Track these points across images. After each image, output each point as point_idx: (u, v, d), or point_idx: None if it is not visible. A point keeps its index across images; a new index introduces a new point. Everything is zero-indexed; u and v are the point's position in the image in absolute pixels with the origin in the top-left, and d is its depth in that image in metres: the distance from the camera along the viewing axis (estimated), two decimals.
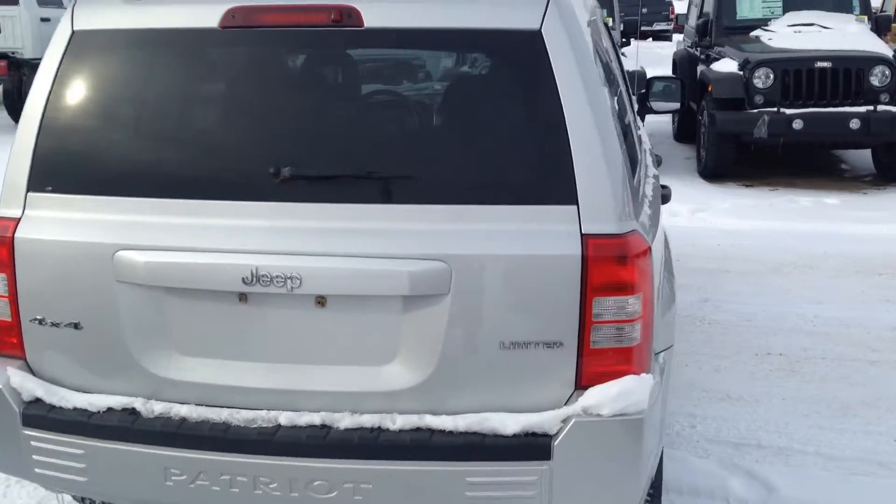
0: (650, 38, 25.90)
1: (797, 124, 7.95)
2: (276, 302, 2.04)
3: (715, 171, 8.65)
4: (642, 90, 4.44)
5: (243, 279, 2.00)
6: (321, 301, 2.04)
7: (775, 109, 7.99)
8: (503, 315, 2.02)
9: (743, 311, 4.96)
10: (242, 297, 2.05)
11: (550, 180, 2.03)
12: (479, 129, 2.07)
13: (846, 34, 8.86)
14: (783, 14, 9.54)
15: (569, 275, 2.01)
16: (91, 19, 2.18)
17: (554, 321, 2.02)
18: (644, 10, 33.92)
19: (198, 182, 2.07)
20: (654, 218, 2.49)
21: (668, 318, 2.40)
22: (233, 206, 2.05)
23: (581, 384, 2.06)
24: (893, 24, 12.64)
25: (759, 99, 8.14)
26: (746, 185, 8.47)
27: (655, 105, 4.40)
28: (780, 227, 6.82)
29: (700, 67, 9.26)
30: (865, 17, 9.48)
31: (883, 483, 3.17)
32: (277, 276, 1.99)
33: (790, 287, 5.39)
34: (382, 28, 2.07)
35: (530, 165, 2.05)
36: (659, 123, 11.82)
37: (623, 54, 9.80)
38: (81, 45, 2.16)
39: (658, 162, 3.86)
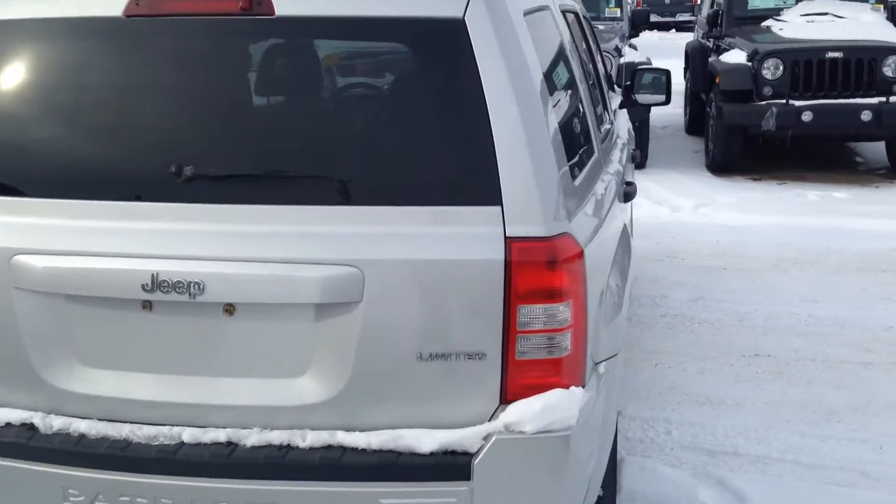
0: (673, 30, 25.56)
1: (806, 116, 7.70)
2: (180, 310, 1.92)
3: (722, 164, 8.43)
4: (628, 82, 4.27)
5: (143, 286, 1.88)
6: (229, 309, 1.92)
7: (784, 101, 7.76)
8: (421, 324, 1.89)
9: (736, 309, 4.78)
10: (146, 304, 1.93)
11: (472, 179, 1.90)
12: (395, 125, 1.94)
13: (860, 23, 8.59)
14: (796, 3, 9.29)
15: (491, 281, 1.87)
16: None
17: (476, 331, 1.89)
18: (667, 1, 33.70)
19: (98, 182, 1.96)
20: (603, 218, 2.34)
21: (613, 325, 2.25)
22: (134, 208, 1.93)
23: (507, 398, 1.92)
24: None
25: (767, 90, 7.91)
26: (754, 179, 8.25)
27: (641, 98, 4.23)
28: (784, 222, 6.60)
29: (710, 59, 9.04)
30: (882, 6, 9.20)
31: (862, 494, 3.01)
32: (178, 283, 1.87)
33: (788, 285, 5.20)
34: (295, 17, 1.94)
35: (450, 163, 1.91)
36: (672, 116, 11.59)
37: (632, 45, 9.61)
38: None
39: (634, 158, 3.69)
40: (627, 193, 2.86)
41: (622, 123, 3.90)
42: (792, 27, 8.59)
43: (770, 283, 5.24)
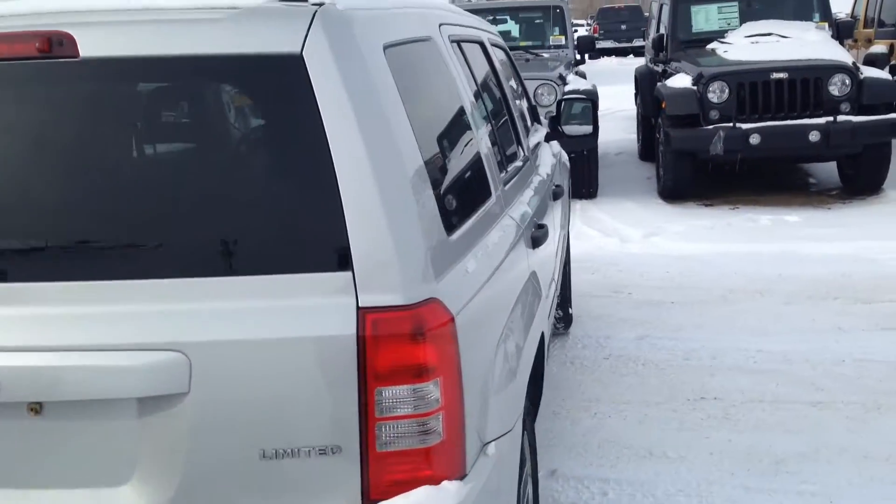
0: (631, 55, 25.76)
1: (754, 139, 7.56)
2: None
3: (673, 190, 8.26)
4: (554, 114, 4.04)
5: None
6: (35, 408, 1.61)
7: (731, 124, 7.62)
8: (262, 416, 1.59)
9: (682, 347, 4.53)
10: None
11: (316, 240, 1.62)
12: (223, 179, 1.65)
13: (805, 43, 8.49)
14: (740, 25, 9.20)
15: (343, 360, 1.58)
16: None
17: (328, 421, 1.60)
18: (623, 27, 34.00)
19: None
20: (493, 271, 2.06)
21: (506, 395, 1.97)
22: None
23: (371, 498, 1.63)
24: (856, 31, 12.33)
25: (714, 114, 7.77)
26: (706, 205, 8.07)
27: (568, 129, 3.99)
28: (734, 249, 6.40)
29: (657, 84, 8.90)
30: (826, 24, 9.13)
31: None
32: None
33: (736, 317, 4.96)
34: (105, 58, 1.66)
35: (290, 222, 1.62)
36: (626, 142, 11.48)
37: (579, 73, 9.44)
38: None
39: (556, 196, 3.44)
40: (535, 238, 2.58)
41: (545, 158, 3.64)
42: (736, 49, 8.48)
43: (718, 316, 5.00)
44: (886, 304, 5.04)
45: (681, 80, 8.13)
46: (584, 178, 8.23)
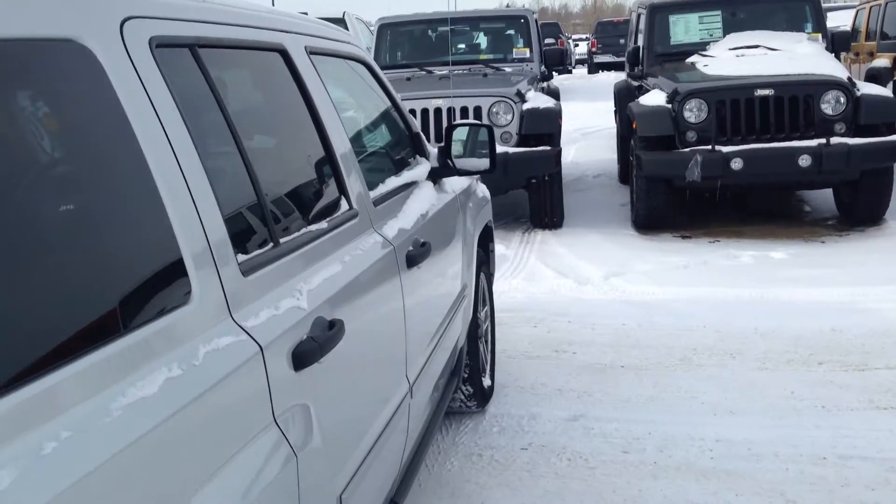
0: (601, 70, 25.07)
1: (736, 164, 6.66)
2: None
3: (647, 221, 7.35)
4: (443, 144, 3.14)
5: None
6: None
7: (710, 148, 6.72)
8: None
9: (624, 433, 3.61)
10: None
11: None
12: None
13: (795, 56, 7.61)
14: (724, 36, 8.31)
15: None
16: None
17: None
18: (622, 41, 33.17)
19: None
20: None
21: None
22: None
23: None
24: (857, 44, 11.45)
25: (691, 136, 6.88)
26: (684, 237, 7.16)
27: (459, 163, 3.09)
28: (707, 294, 5.48)
29: (631, 102, 8.01)
30: (819, 35, 8.23)
31: None
32: None
33: (698, 388, 4.04)
34: None
35: None
36: (606, 163, 10.59)
37: (545, 89, 8.56)
38: None
39: (411, 262, 2.54)
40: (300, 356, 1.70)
41: (414, 206, 2.69)
42: (718, 63, 7.60)
43: (676, 386, 4.08)
44: (882, 373, 4.11)
45: (654, 98, 7.24)
46: (545, 207, 7.35)
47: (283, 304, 1.60)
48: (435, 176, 3.07)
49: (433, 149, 3.11)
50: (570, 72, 32.14)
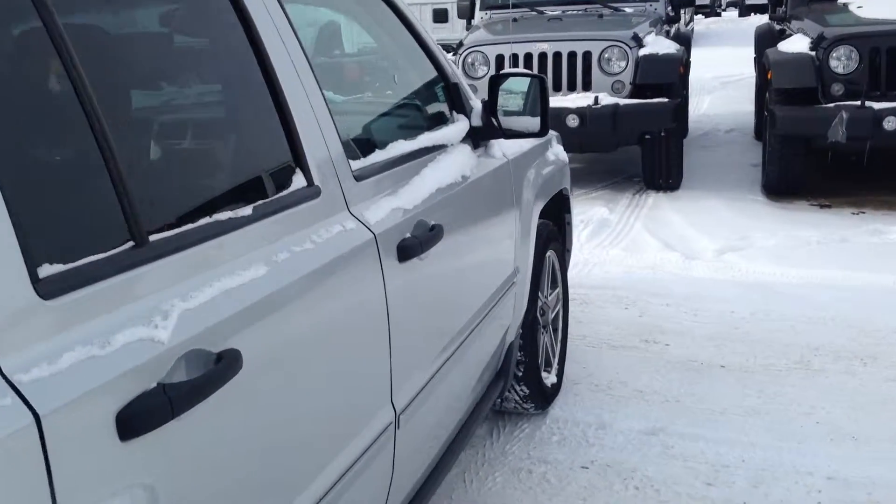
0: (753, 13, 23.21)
1: (889, 123, 5.66)
2: None
3: (778, 186, 6.44)
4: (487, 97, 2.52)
5: None
6: None
7: (859, 103, 5.73)
8: None
9: (710, 458, 2.94)
10: None
11: None
12: None
13: None
14: None
15: None
16: None
17: None
18: None
19: None
20: None
21: None
22: None
23: None
24: None
25: (836, 89, 5.90)
26: (822, 206, 6.22)
27: (505, 121, 2.47)
28: (840, 280, 4.63)
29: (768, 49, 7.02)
30: None
31: None
32: None
33: (815, 402, 3.30)
34: None
35: None
36: (742, 115, 9.57)
37: (670, 34, 7.66)
38: None
39: (404, 253, 1.95)
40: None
41: (430, 179, 2.09)
42: (877, 4, 6.48)
43: (786, 397, 3.36)
44: None
45: (796, 44, 6.26)
46: (660, 166, 6.56)
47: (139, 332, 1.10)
48: (476, 137, 2.46)
49: (478, 103, 2.50)
50: (718, 14, 30.11)
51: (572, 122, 6.09)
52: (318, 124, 1.66)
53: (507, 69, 6.39)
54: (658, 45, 6.46)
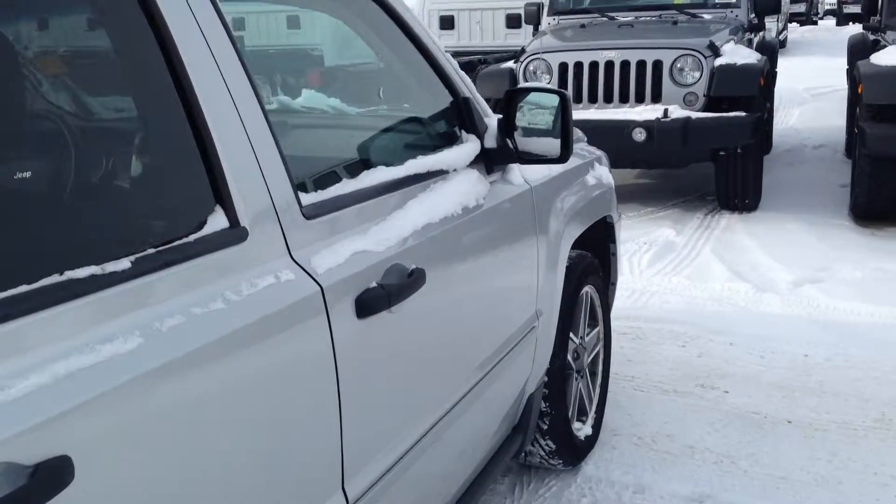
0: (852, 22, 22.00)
1: None
2: None
3: (868, 210, 5.86)
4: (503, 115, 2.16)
5: None
6: None
7: None
8: None
9: None
10: None
11: None
12: None
13: None
14: None
15: None
16: None
17: None
18: None
19: None
20: None
21: None
22: None
23: None
24: None
25: None
26: None
27: (525, 143, 2.11)
28: None
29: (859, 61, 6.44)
30: None
31: None
32: None
33: (895, 470, 2.83)
34: None
35: None
36: (835, 131, 8.92)
37: (759, 39, 7.15)
38: None
39: (363, 309, 1.62)
40: None
41: (414, 213, 1.74)
42: None
43: (861, 464, 2.89)
44: None
45: (890, 56, 5.68)
46: (735, 185, 6.06)
47: None
48: (489, 161, 2.12)
49: (493, 122, 2.15)
50: (814, 23, 28.88)
51: (639, 136, 5.65)
52: (252, 146, 1.34)
53: (570, 79, 6.01)
54: (737, 54, 5.96)
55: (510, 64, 6.42)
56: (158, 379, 1.07)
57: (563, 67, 6.04)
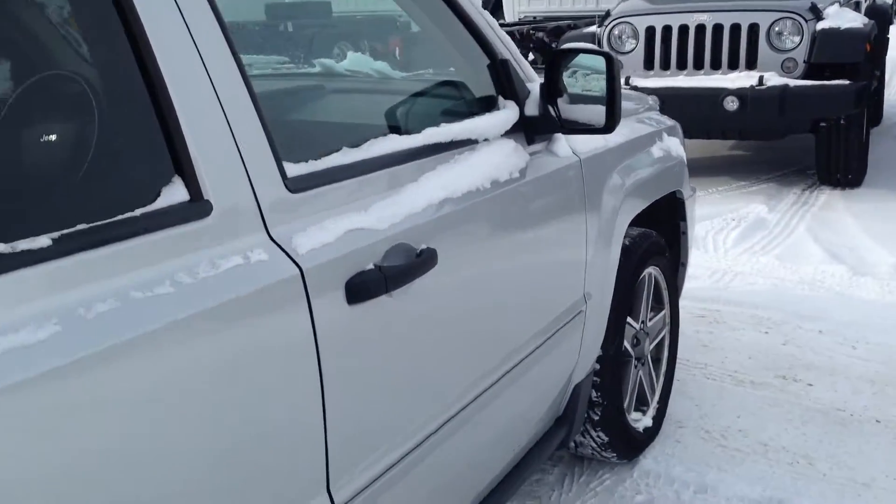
0: None
1: None
2: None
3: None
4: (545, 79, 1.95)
5: None
6: None
7: None
8: None
9: None
10: None
11: None
12: None
13: None
14: None
15: None
16: None
17: None
18: None
19: None
20: None
21: None
22: None
23: None
24: None
25: None
26: None
27: (568, 111, 1.90)
28: None
29: None
30: None
31: None
32: None
33: None
34: None
35: None
36: None
37: (869, 1, 6.59)
38: None
39: (357, 296, 1.45)
40: None
41: (426, 190, 1.56)
42: None
43: None
44: None
45: None
46: (837, 158, 5.63)
47: None
48: (529, 129, 1.92)
49: (535, 87, 1.94)
50: None
51: (731, 104, 5.30)
52: (223, 109, 1.19)
53: (657, 44, 5.68)
54: (841, 17, 5.50)
55: (593, 28, 6.11)
56: (74, 374, 0.94)
57: (651, 32, 5.70)
